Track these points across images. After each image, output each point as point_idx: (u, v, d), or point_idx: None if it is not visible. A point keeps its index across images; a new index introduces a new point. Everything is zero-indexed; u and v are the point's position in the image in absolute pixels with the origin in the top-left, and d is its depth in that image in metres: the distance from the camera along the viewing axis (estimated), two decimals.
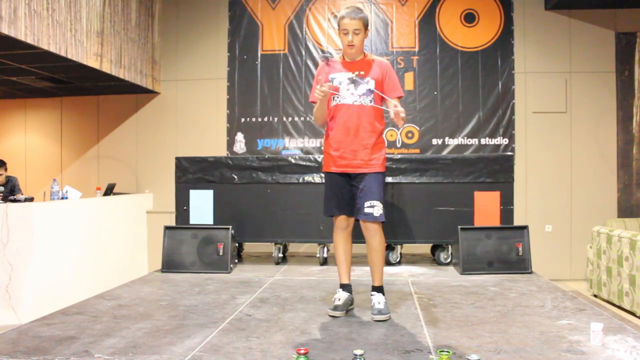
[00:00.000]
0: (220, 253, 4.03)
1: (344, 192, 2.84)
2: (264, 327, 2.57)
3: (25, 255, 4.35)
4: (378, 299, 2.76)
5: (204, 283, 3.63)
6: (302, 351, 1.96)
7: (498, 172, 4.20)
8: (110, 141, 6.72)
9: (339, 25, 2.77)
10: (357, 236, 2.91)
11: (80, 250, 5.03)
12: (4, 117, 7.04)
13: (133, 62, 5.93)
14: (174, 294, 3.31)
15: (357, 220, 2.86)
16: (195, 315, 2.79)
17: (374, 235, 2.78)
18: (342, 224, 2.88)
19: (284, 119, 6.31)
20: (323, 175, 2.97)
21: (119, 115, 6.69)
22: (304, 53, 6.30)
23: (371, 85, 2.78)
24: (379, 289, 2.81)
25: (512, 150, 6.02)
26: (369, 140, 2.77)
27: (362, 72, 2.79)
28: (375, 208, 2.74)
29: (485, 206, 4.16)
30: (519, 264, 3.90)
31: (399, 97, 2.83)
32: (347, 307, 2.83)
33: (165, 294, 3.32)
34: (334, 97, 2.82)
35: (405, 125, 6.15)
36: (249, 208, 4.33)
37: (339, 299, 2.82)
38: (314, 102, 2.85)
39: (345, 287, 2.89)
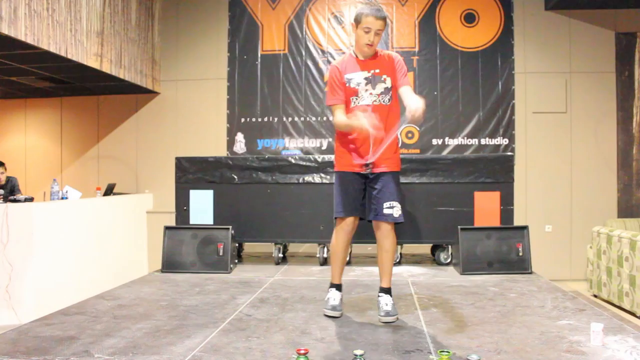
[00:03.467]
0: (220, 253, 4.03)
1: (358, 192, 2.78)
2: (264, 327, 2.57)
3: (25, 255, 4.34)
4: (386, 301, 2.73)
5: (204, 283, 3.63)
6: (302, 351, 1.96)
7: (498, 172, 4.20)
8: (110, 141, 6.72)
9: (359, 21, 2.68)
10: (358, 236, 2.90)
11: (80, 250, 5.03)
12: (4, 117, 7.04)
13: (133, 62, 5.93)
14: (174, 294, 3.31)
15: (361, 220, 2.83)
16: (195, 315, 2.79)
17: (388, 236, 2.74)
18: (349, 226, 2.79)
19: (284, 119, 6.31)
20: (336, 173, 2.87)
21: (119, 115, 6.68)
22: (304, 53, 6.30)
23: (388, 83, 2.73)
24: (387, 291, 2.77)
25: (512, 150, 6.02)
26: (387, 139, 2.71)
27: (377, 70, 2.74)
28: (395, 209, 2.70)
29: (485, 206, 4.16)
30: (519, 264, 3.90)
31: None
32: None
33: (165, 294, 3.32)
34: (352, 99, 2.75)
35: (405, 125, 6.14)
36: (249, 208, 4.33)
37: (334, 299, 2.80)
38: (331, 105, 2.79)
39: (339, 287, 2.87)
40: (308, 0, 6.30)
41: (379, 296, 2.78)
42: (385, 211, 2.70)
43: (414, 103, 2.52)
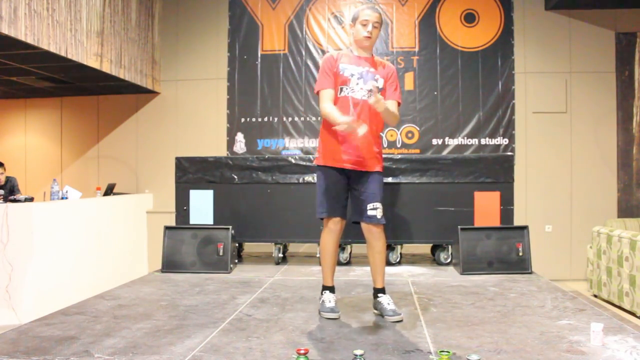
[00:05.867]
0: (220, 253, 4.03)
1: (343, 190, 2.77)
2: (264, 327, 2.57)
3: (25, 255, 4.34)
4: (387, 300, 2.73)
5: (204, 283, 3.63)
6: (302, 351, 1.96)
7: (498, 172, 4.20)
8: (110, 141, 6.72)
9: (356, 17, 2.73)
10: (359, 236, 2.90)
11: (80, 250, 5.03)
12: (4, 117, 7.04)
13: (133, 62, 5.93)
14: (174, 294, 3.31)
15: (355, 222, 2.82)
16: (195, 315, 2.79)
17: (379, 238, 2.74)
18: (337, 226, 2.78)
19: (284, 119, 6.31)
20: (319, 169, 2.81)
21: (119, 115, 6.68)
22: (304, 53, 6.30)
23: (380, 83, 2.73)
24: (384, 290, 2.78)
25: (512, 150, 6.02)
26: (373, 138, 2.73)
27: (372, 70, 2.75)
28: (378, 210, 2.69)
29: (485, 206, 4.16)
30: (519, 264, 3.90)
31: (398, 104, 2.80)
32: None
33: (165, 294, 3.32)
34: (342, 88, 2.72)
35: (405, 125, 6.15)
36: (249, 208, 4.33)
37: (330, 301, 2.79)
38: (319, 90, 2.75)
39: (332, 289, 2.87)
40: (308, 0, 6.30)
41: (378, 297, 2.77)
42: (369, 212, 2.69)
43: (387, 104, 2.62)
